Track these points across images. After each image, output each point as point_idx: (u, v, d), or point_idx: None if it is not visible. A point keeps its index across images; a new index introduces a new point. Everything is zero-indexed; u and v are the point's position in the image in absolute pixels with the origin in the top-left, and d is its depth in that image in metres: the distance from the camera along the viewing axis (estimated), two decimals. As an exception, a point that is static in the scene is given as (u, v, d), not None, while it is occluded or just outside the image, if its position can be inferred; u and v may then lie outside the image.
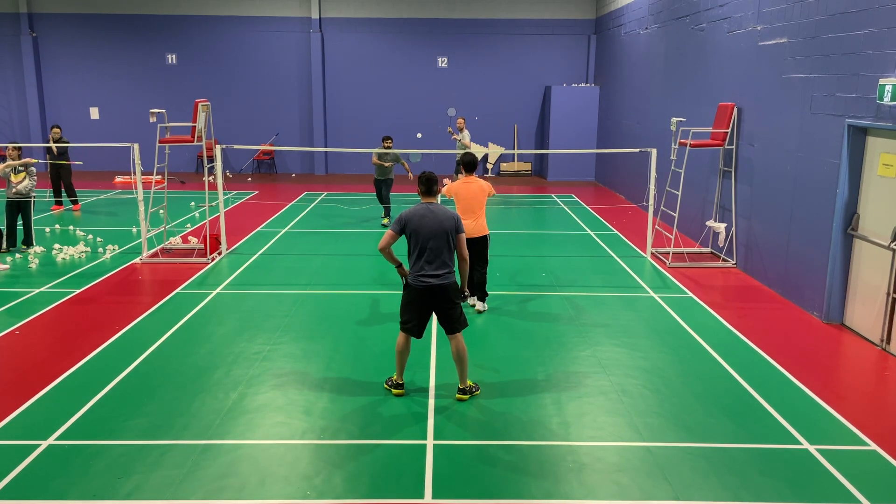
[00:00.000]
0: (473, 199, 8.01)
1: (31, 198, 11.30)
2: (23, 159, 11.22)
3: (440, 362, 6.81)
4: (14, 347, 7.15)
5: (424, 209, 5.86)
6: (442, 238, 5.81)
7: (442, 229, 5.81)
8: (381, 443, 5.31)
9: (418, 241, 5.82)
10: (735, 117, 10.46)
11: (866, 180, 7.70)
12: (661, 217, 12.14)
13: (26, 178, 11.20)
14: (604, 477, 4.88)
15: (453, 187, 8.16)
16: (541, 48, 20.67)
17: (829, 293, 8.06)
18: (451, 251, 5.93)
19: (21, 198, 11.16)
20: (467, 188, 8.05)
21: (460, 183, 8.12)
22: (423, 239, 5.79)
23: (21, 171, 11.19)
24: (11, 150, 11.21)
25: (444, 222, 5.82)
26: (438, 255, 5.81)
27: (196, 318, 8.07)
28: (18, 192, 11.14)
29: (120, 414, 5.70)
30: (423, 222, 5.80)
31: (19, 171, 11.18)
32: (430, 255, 5.80)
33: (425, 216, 5.82)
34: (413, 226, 5.83)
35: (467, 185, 8.08)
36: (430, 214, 5.82)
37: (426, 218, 5.81)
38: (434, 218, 5.82)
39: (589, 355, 7.06)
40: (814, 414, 5.86)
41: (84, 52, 20.45)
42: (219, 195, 10.99)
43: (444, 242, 5.82)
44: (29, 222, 11.26)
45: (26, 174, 11.21)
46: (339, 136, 20.98)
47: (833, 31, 8.00)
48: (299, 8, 20.37)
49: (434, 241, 5.79)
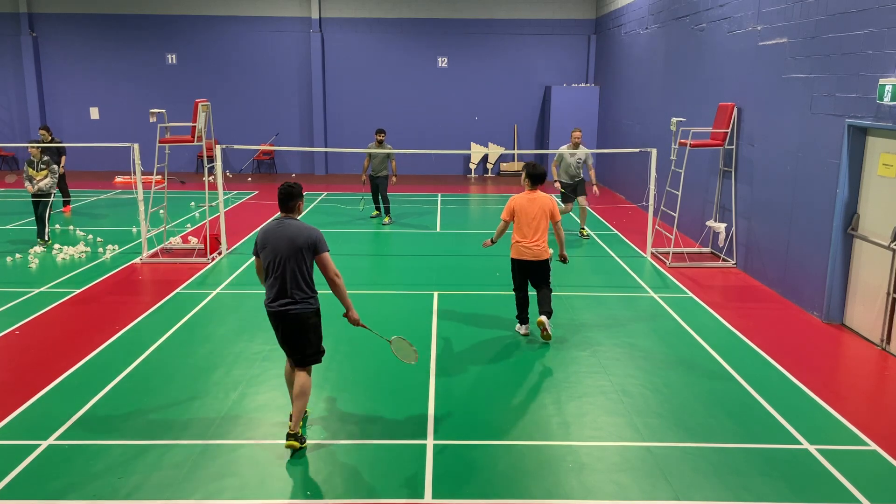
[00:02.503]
0: (535, 220, 7.24)
1: (52, 195, 11.59)
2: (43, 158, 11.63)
3: (440, 362, 6.81)
4: (14, 347, 7.15)
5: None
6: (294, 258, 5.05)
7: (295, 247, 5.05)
8: (381, 443, 5.31)
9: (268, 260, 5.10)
10: (735, 117, 10.46)
11: (866, 180, 7.70)
12: (661, 217, 12.15)
13: (48, 175, 11.48)
14: (604, 477, 4.88)
15: (515, 202, 7.32)
16: (541, 48, 20.67)
17: (829, 293, 8.06)
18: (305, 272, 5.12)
19: (42, 194, 11.44)
20: (531, 205, 7.27)
21: (524, 198, 7.31)
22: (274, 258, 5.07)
23: (42, 168, 11.46)
24: (32, 149, 11.53)
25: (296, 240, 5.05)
26: (293, 278, 5.07)
27: (196, 318, 8.07)
28: (40, 188, 11.42)
29: (120, 414, 5.70)
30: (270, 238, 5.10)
31: (41, 169, 11.45)
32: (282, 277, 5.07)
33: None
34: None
35: (531, 201, 7.30)
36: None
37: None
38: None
39: (589, 355, 7.06)
40: (814, 414, 5.86)
41: (84, 52, 20.44)
42: (219, 195, 10.98)
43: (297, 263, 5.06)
44: (44, 217, 11.51)
45: (48, 172, 11.49)
46: (339, 137, 20.98)
47: (833, 31, 8.00)
48: (299, 8, 20.37)
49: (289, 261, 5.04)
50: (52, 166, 11.55)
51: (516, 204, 7.31)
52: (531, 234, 7.25)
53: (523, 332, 7.60)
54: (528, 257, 7.31)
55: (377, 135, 13.14)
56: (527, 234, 7.26)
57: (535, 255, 7.30)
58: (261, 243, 5.15)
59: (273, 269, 5.08)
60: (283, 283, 5.07)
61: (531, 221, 7.24)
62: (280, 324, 5.18)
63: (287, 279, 5.06)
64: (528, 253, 7.29)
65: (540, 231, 7.26)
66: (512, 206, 7.32)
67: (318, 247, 5.11)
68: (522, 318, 7.63)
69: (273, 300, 5.13)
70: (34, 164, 11.47)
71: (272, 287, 5.11)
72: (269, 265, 5.10)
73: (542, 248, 7.30)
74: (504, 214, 7.41)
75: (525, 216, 7.25)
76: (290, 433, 5.11)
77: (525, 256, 7.32)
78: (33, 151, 11.44)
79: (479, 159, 21.04)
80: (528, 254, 7.30)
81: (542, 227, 7.28)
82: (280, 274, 5.06)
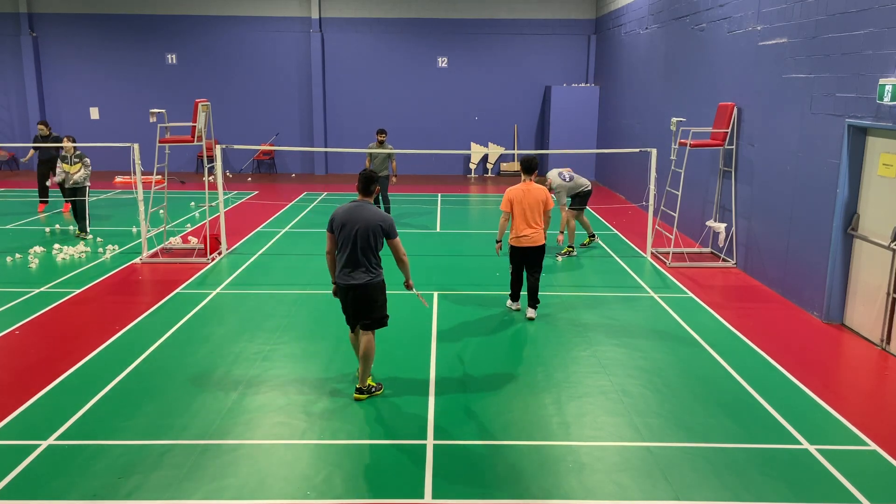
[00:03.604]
0: (530, 209, 7.79)
1: (87, 187, 11.99)
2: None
3: (440, 362, 6.81)
4: (14, 347, 7.15)
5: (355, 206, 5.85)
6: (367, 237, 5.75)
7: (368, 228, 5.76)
8: (381, 443, 5.31)
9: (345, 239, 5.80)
10: (735, 117, 10.46)
11: (866, 180, 7.70)
12: (661, 217, 12.15)
13: (82, 168, 11.88)
14: (604, 477, 4.88)
15: (511, 193, 7.86)
16: (541, 48, 20.67)
17: (829, 293, 8.06)
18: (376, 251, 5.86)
19: (77, 188, 11.85)
20: (526, 195, 7.81)
21: (520, 189, 7.84)
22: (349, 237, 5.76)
23: (76, 162, 11.86)
24: (66, 141, 11.92)
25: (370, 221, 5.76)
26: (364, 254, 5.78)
27: (196, 318, 8.07)
28: (76, 181, 11.83)
29: (120, 414, 5.70)
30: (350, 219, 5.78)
31: (75, 163, 11.85)
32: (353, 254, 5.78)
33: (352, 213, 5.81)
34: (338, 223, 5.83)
35: (526, 191, 7.83)
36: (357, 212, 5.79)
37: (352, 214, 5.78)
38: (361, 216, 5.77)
39: (589, 355, 7.06)
40: (814, 414, 5.86)
41: (84, 52, 20.44)
42: (219, 195, 10.98)
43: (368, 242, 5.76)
44: (84, 212, 11.88)
45: (82, 165, 11.89)
46: (338, 136, 20.99)
47: (833, 31, 8.00)
48: (299, 8, 20.38)
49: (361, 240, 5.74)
50: (84, 159, 11.98)
51: (513, 195, 7.84)
52: (528, 221, 7.80)
53: (514, 308, 8.34)
54: (526, 243, 7.87)
55: (378, 135, 13.10)
56: (524, 223, 7.81)
57: (532, 241, 7.86)
58: (339, 220, 5.78)
59: (347, 244, 5.75)
60: (355, 257, 5.77)
61: (526, 210, 7.79)
62: (351, 293, 5.85)
63: (359, 254, 5.76)
64: (525, 240, 7.85)
65: (535, 219, 7.81)
66: (509, 197, 7.86)
67: (390, 232, 5.83)
68: (515, 296, 8.33)
69: (346, 273, 5.81)
70: (67, 158, 11.90)
71: (347, 260, 5.78)
72: (345, 241, 5.76)
73: (539, 234, 7.88)
74: (504, 206, 7.92)
75: (520, 206, 7.80)
76: (360, 388, 6.01)
77: (522, 243, 7.88)
78: (67, 147, 11.84)
79: (479, 159, 21.04)
80: (525, 240, 7.86)
81: (538, 215, 7.83)
82: (353, 248, 5.75)
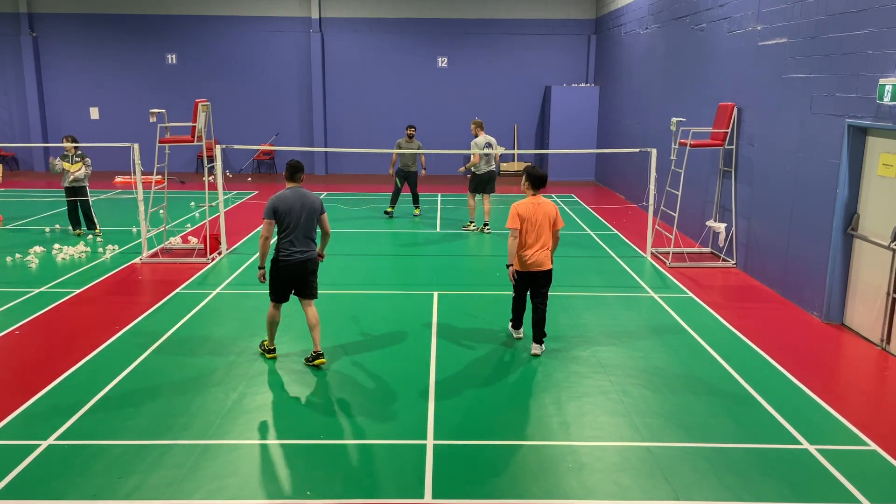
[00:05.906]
0: (540, 227, 6.78)
1: (87, 186, 12.10)
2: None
3: (440, 362, 6.81)
4: (14, 347, 7.15)
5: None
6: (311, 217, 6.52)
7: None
8: (381, 443, 5.31)
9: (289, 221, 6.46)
10: (735, 117, 10.46)
11: (866, 180, 7.70)
12: (661, 217, 12.15)
13: (83, 167, 12.04)
14: (604, 477, 4.88)
15: (520, 208, 6.79)
16: (541, 48, 20.67)
17: (829, 293, 8.06)
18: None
19: (78, 185, 11.94)
20: (536, 211, 6.80)
21: (529, 203, 6.82)
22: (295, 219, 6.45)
23: (77, 161, 12.02)
24: (67, 144, 11.99)
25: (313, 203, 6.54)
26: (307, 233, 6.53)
27: (196, 318, 8.07)
28: (76, 178, 11.95)
29: (120, 414, 5.71)
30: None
31: (76, 161, 12.01)
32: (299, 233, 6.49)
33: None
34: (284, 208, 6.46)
35: (536, 206, 6.83)
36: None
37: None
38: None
39: (589, 355, 7.06)
40: (814, 414, 5.86)
41: (84, 52, 20.43)
42: (219, 195, 10.98)
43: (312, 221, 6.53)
44: (88, 209, 12.07)
45: (83, 164, 12.06)
46: (339, 136, 20.98)
47: (833, 31, 8.00)
48: (299, 8, 20.37)
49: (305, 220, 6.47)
50: (86, 158, 12.16)
51: (521, 210, 6.77)
52: (535, 242, 6.79)
53: (516, 337, 7.45)
54: (532, 268, 6.85)
55: (408, 129, 13.86)
56: (531, 243, 6.80)
57: (538, 265, 6.84)
58: (283, 206, 6.41)
59: (297, 225, 6.43)
60: (304, 235, 6.48)
61: (536, 229, 6.77)
62: (297, 270, 6.49)
63: (307, 232, 6.51)
64: (531, 265, 6.84)
65: (543, 239, 6.81)
66: (517, 213, 6.77)
67: (323, 210, 6.64)
68: (517, 323, 7.43)
69: (292, 252, 6.46)
70: (68, 157, 12.03)
71: (297, 239, 6.44)
72: (294, 223, 6.42)
73: (547, 256, 6.87)
74: (511, 223, 6.78)
75: (529, 223, 6.77)
76: (317, 352, 6.61)
77: (529, 268, 6.86)
78: (68, 146, 11.94)
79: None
80: (531, 265, 6.85)
81: (546, 234, 6.83)
82: (302, 228, 6.46)
